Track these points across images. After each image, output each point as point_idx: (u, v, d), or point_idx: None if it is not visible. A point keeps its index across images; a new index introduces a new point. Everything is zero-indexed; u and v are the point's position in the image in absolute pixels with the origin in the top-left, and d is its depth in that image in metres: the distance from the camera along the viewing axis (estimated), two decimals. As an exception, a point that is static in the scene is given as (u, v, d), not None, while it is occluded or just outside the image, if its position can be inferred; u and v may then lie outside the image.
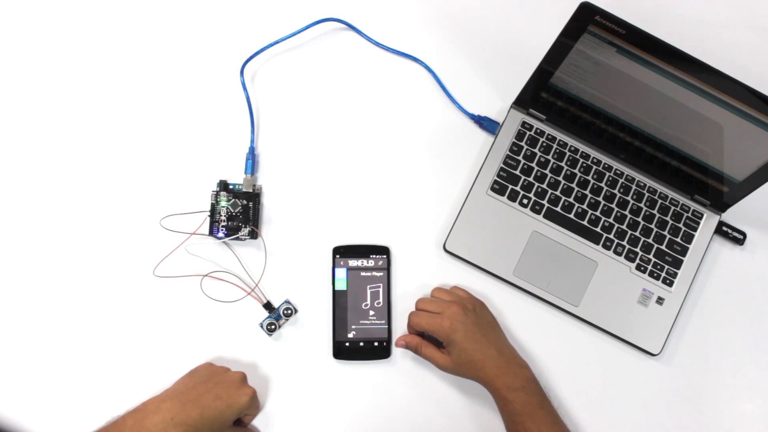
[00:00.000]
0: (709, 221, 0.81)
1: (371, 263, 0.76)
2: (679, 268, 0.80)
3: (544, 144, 0.81)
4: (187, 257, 0.75)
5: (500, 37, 0.85)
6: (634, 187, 0.81)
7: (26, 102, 0.78)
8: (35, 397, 0.71)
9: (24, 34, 0.79)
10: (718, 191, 0.79)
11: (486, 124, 0.81)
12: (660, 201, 0.81)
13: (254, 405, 0.69)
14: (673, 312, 0.79)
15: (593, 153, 0.81)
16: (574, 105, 0.77)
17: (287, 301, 0.75)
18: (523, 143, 0.80)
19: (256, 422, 0.72)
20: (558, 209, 0.79)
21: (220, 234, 0.75)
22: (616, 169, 0.81)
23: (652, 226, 0.80)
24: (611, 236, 0.79)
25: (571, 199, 0.80)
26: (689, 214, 0.81)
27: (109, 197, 0.76)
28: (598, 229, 0.79)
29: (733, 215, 0.82)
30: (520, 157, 0.80)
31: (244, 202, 0.76)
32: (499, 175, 0.79)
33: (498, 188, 0.79)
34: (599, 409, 0.77)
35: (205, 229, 0.75)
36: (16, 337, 0.72)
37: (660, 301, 0.79)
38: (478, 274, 0.78)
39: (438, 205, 0.80)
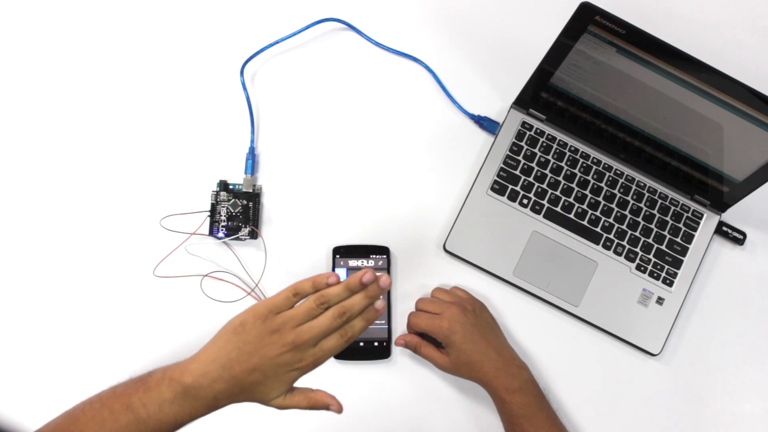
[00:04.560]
0: (709, 221, 0.81)
1: (371, 263, 0.76)
2: (679, 268, 0.80)
3: (544, 144, 0.81)
4: (187, 257, 0.75)
5: (500, 37, 0.85)
6: (634, 187, 0.81)
7: (27, 103, 0.78)
8: (35, 397, 0.71)
9: (24, 35, 0.79)
10: (718, 191, 0.79)
11: (486, 124, 0.81)
12: (660, 201, 0.81)
13: None
14: (673, 312, 0.79)
15: (593, 153, 0.81)
16: (574, 105, 0.77)
17: (287, 301, 0.75)
18: (523, 143, 0.80)
19: (256, 422, 0.72)
20: (558, 209, 0.79)
21: (220, 234, 0.75)
22: (616, 169, 0.81)
23: (652, 226, 0.80)
24: (611, 236, 0.79)
25: (571, 199, 0.80)
26: (689, 214, 0.81)
27: (109, 197, 0.76)
28: (598, 229, 0.79)
29: (733, 215, 0.82)
30: (520, 157, 0.80)
31: (244, 202, 0.76)
32: (499, 175, 0.79)
33: (498, 188, 0.79)
34: (599, 409, 0.77)
35: (205, 229, 0.75)
36: (17, 337, 0.72)
37: (660, 301, 0.79)
38: (478, 274, 0.78)
39: (438, 205, 0.80)
